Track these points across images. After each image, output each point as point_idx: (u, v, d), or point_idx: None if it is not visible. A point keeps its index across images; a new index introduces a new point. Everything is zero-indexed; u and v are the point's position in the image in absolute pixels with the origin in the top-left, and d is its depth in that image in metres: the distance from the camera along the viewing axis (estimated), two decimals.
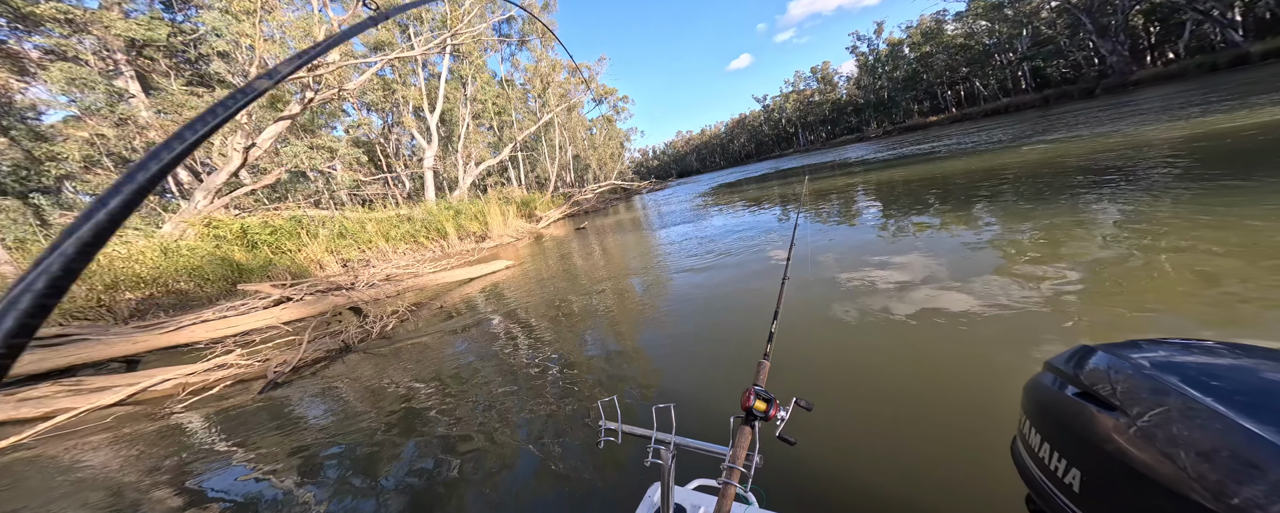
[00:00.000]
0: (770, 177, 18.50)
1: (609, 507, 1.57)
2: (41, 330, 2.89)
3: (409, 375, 2.99)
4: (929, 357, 2.14)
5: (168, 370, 3.29)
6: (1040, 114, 21.91)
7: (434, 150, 13.88)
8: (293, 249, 7.48)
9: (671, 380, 2.45)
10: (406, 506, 1.80)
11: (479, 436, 2.17)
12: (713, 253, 5.60)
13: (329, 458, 2.19)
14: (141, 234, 7.86)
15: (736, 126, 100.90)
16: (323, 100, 10.53)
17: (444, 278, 5.69)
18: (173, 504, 2.00)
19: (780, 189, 12.40)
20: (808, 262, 4.12)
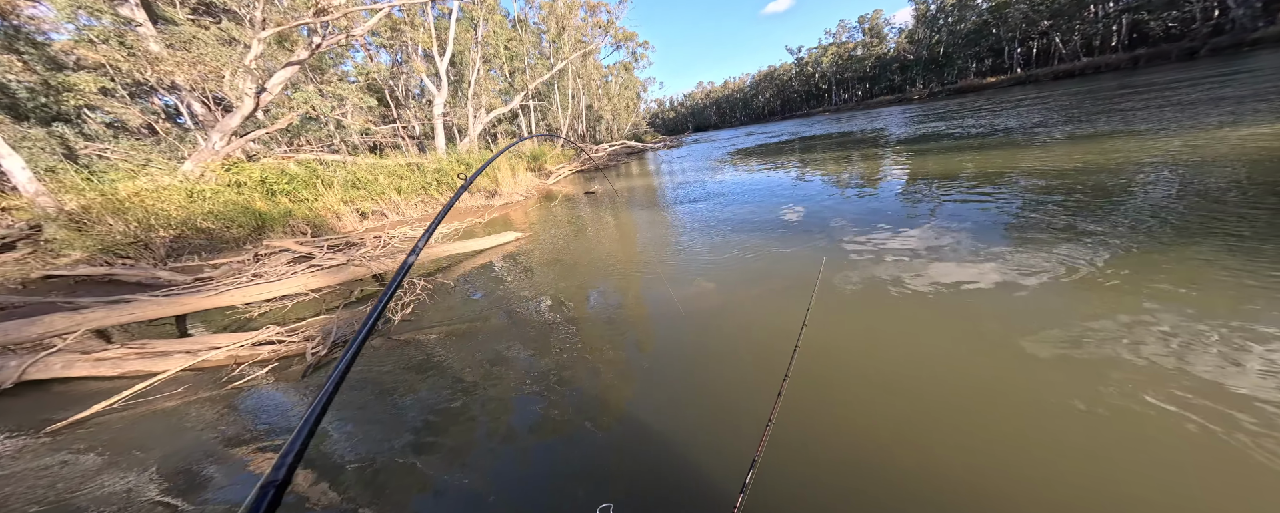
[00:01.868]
0: (790, 148, 15.97)
1: None
2: (91, 270, 3.23)
3: (426, 378, 2.83)
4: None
5: (218, 339, 3.57)
6: (1120, 81, 19.08)
7: (444, 97, 13.53)
8: (309, 198, 7.74)
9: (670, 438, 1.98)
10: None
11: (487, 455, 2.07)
12: (729, 255, 4.46)
13: (359, 457, 2.16)
14: (164, 171, 8.15)
15: (763, 80, 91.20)
16: (331, 44, 10.18)
17: (455, 249, 5.86)
18: (227, 483, 2.07)
19: (802, 168, 10.26)
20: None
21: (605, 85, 37.74)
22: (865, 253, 3.77)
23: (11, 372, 3.33)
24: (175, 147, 12.44)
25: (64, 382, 3.34)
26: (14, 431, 2.71)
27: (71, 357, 3.48)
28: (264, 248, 5.76)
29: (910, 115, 22.52)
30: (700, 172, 12.49)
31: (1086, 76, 27.90)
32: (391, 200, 8.32)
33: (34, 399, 3.14)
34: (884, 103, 50.34)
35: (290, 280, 4.71)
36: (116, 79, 13.68)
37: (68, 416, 2.72)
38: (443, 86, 13.47)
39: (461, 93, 17.00)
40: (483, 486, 1.82)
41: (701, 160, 16.31)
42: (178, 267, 5.40)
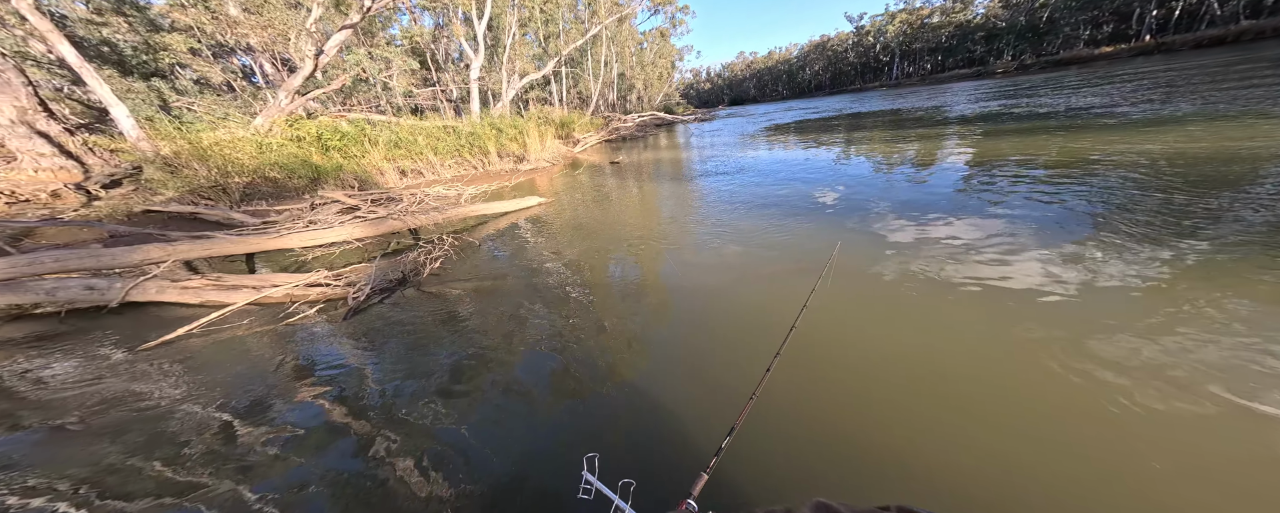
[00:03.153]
0: (834, 125, 13.64)
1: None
2: (180, 208, 3.26)
3: (450, 328, 2.82)
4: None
5: (278, 278, 3.65)
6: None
7: (480, 61, 12.78)
8: (357, 154, 7.70)
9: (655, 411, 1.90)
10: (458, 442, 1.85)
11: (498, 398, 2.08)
12: (752, 234, 4.02)
13: (391, 389, 2.20)
14: (239, 124, 8.26)
15: (813, 51, 75.22)
16: (381, 7, 9.56)
17: (482, 210, 5.71)
18: (280, 410, 2.11)
19: (845, 147, 8.78)
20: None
21: (639, 53, 33.91)
22: (892, 240, 3.37)
23: (117, 292, 3.58)
24: (248, 103, 12.58)
25: (156, 305, 3.56)
26: (116, 345, 2.91)
27: (163, 283, 3.69)
28: (319, 198, 5.83)
29: (987, 91, 18.80)
30: (730, 147, 11.23)
31: (1242, 44, 20.74)
32: (428, 160, 8.19)
33: (132, 318, 3.37)
34: (958, 77, 39.82)
35: (339, 229, 4.77)
36: (202, 40, 13.65)
37: (157, 336, 2.88)
38: (479, 50, 12.66)
39: (497, 57, 16.00)
40: (488, 430, 1.83)
41: (733, 135, 14.61)
42: (248, 210, 5.58)
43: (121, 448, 1.91)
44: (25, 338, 3.10)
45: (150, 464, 1.80)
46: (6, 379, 2.56)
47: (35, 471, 1.80)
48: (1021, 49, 41.56)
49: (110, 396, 2.33)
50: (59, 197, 5.78)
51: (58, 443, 1.98)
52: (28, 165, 6.01)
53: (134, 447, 1.91)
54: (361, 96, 14.55)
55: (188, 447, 1.89)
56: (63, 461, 1.86)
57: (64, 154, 6.30)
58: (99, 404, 2.25)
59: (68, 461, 1.86)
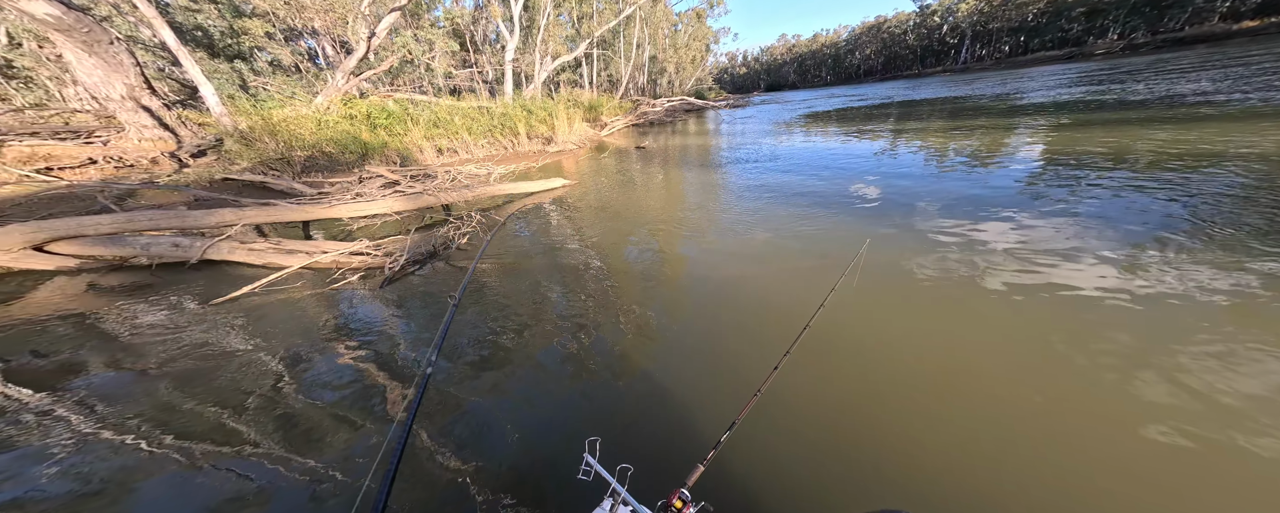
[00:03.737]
0: (882, 113, 11.84)
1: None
2: (252, 177, 3.41)
3: (473, 303, 2.80)
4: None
5: (328, 245, 3.77)
6: None
7: (515, 42, 12.45)
8: (401, 133, 7.84)
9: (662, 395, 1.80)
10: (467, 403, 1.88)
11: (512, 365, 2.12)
12: (774, 226, 3.71)
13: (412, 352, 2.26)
14: (303, 103, 8.60)
15: (866, 34, 64.44)
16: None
17: (509, 189, 5.66)
18: (322, 366, 2.17)
19: (892, 138, 7.56)
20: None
21: (673, 34, 31.19)
22: (933, 239, 3.00)
23: (197, 250, 3.88)
24: (311, 83, 13.08)
25: (228, 264, 3.83)
26: (193, 298, 3.15)
27: (234, 245, 3.95)
28: (365, 172, 6.01)
29: (1072, 76, 15.90)
30: (762, 135, 10.36)
31: None
32: (463, 140, 8.21)
33: (208, 274, 3.64)
34: (1042, 60, 32.44)
35: (381, 202, 4.89)
36: (275, 24, 14.20)
37: (226, 292, 3.09)
38: (515, 31, 12.30)
39: (531, 39, 15.55)
40: (500, 404, 1.83)
41: (766, 123, 13.46)
42: (306, 181, 5.86)
43: (188, 394, 2.05)
44: (123, 286, 3.43)
45: (210, 411, 1.92)
46: (108, 323, 2.85)
47: (126, 408, 1.98)
48: (1133, 25, 32.35)
49: (186, 344, 2.53)
50: (156, 163, 6.34)
51: (143, 383, 2.17)
52: (133, 135, 6.61)
53: (198, 394, 2.05)
54: (406, 78, 14.77)
55: (242, 398, 2.00)
56: (144, 401, 2.03)
57: (162, 126, 6.86)
58: (177, 352, 2.44)
59: (147, 401, 2.03)
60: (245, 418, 1.86)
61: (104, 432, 1.79)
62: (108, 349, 2.51)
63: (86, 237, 3.80)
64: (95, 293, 3.32)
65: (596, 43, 18.98)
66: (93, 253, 3.77)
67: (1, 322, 2.88)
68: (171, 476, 1.58)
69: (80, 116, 7.12)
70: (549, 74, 15.28)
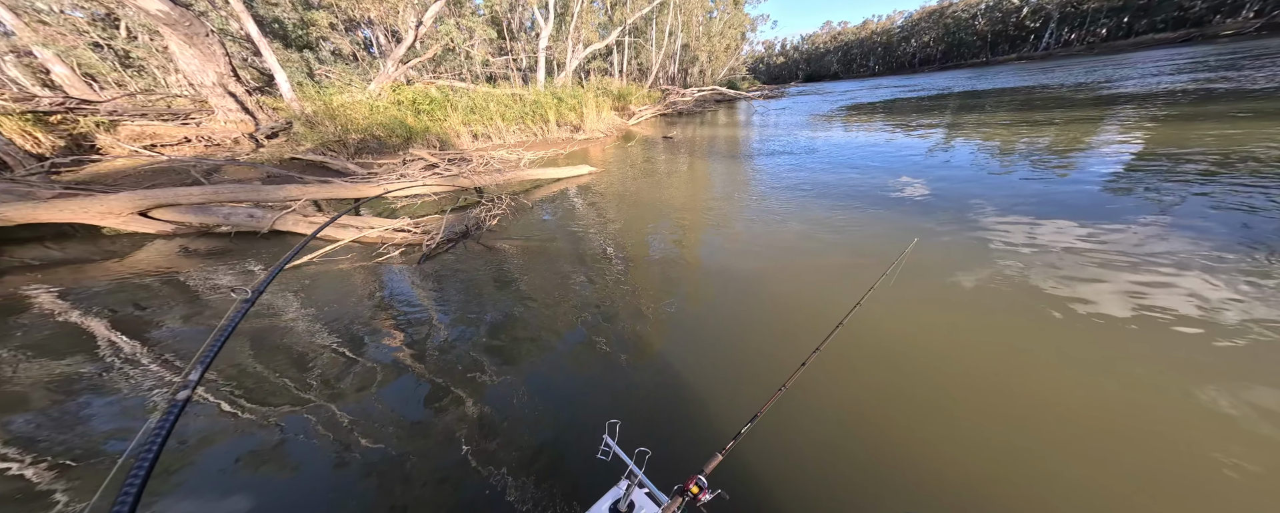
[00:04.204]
0: (937, 106, 10.32)
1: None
2: (314, 157, 3.59)
3: (500, 283, 2.83)
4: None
5: (375, 221, 3.93)
6: None
7: (549, 30, 12.18)
8: (441, 118, 7.98)
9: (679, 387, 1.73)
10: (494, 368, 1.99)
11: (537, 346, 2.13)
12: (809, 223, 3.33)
13: (442, 325, 2.35)
14: (358, 89, 8.95)
15: (926, 19, 56.58)
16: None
17: (537, 174, 5.63)
18: (361, 331, 2.28)
19: (948, 132, 6.49)
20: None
21: (708, 22, 28.79)
22: (990, 242, 2.67)
23: (268, 221, 4.17)
24: (366, 71, 13.59)
25: (291, 235, 4.09)
26: (262, 264, 3.39)
27: (297, 217, 4.21)
28: (409, 155, 6.18)
29: (1183, 62, 13.24)
30: (798, 127, 9.53)
31: None
32: (496, 126, 8.25)
33: (275, 243, 3.91)
34: (1150, 43, 26.98)
35: (422, 183, 5.02)
36: (337, 15, 14.75)
37: (285, 264, 3.34)
38: (549, 19, 12.01)
39: (565, 26, 15.15)
40: (522, 382, 1.83)
41: (802, 115, 12.37)
42: (359, 162, 6.13)
43: (252, 353, 2.20)
44: (208, 251, 3.76)
45: (267, 371, 2.05)
46: (195, 282, 3.13)
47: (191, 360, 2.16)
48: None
49: (256, 307, 2.73)
50: (238, 143, 6.88)
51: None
52: (221, 118, 7.19)
53: (260, 354, 2.20)
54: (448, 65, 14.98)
55: (290, 361, 2.12)
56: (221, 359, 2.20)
57: (243, 110, 7.39)
58: (254, 313, 2.64)
59: (223, 359, 2.20)
60: (291, 378, 1.97)
61: (182, 390, 1.96)
62: (192, 307, 2.75)
63: (181, 205, 4.18)
64: (186, 256, 3.66)
65: (628, 30, 18.19)
66: (185, 220, 4.15)
67: (112, 276, 3.24)
68: (229, 428, 1.69)
69: (179, 101, 7.82)
70: (580, 62, 14.93)
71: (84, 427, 1.72)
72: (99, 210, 3.95)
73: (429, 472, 1.42)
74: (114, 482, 1.43)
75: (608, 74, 20.19)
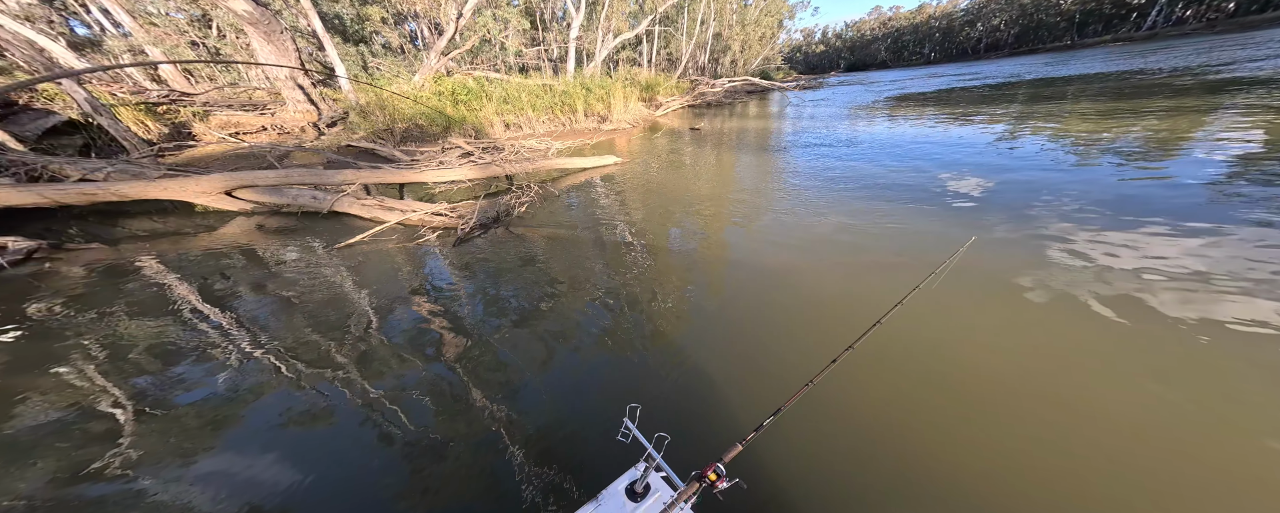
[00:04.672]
0: (1002, 95, 8.93)
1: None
2: (366, 145, 3.76)
3: (527, 268, 2.81)
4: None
5: (416, 205, 4.05)
6: None
7: (579, 20, 11.81)
8: (477, 108, 8.06)
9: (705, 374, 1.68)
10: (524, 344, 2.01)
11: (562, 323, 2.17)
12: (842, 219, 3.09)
13: (473, 302, 2.47)
14: (404, 81, 9.22)
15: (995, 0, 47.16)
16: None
17: (564, 164, 5.56)
18: (400, 305, 2.40)
19: (1014, 123, 5.61)
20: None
21: (742, 10, 26.47)
22: (1057, 245, 2.37)
23: (328, 203, 4.43)
24: (412, 63, 13.95)
25: (346, 216, 4.33)
26: (321, 242, 3.63)
27: (351, 200, 4.44)
28: (448, 143, 6.32)
29: None
30: (836, 119, 8.75)
31: None
32: (527, 116, 8.22)
33: (332, 223, 4.16)
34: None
35: (459, 170, 5.12)
36: (387, 9, 15.15)
37: (344, 239, 3.50)
38: (581, 8, 11.61)
39: (595, 16, 14.63)
40: (543, 366, 1.84)
41: (841, 106, 11.32)
42: (403, 149, 6.36)
43: (307, 321, 2.37)
44: (279, 228, 4.07)
45: (319, 339, 2.19)
46: (267, 256, 3.40)
47: (269, 330, 2.34)
48: None
49: (314, 280, 2.93)
50: (304, 131, 7.36)
51: (282, 309, 2.55)
52: (290, 108, 7.69)
53: (315, 323, 2.35)
54: (484, 56, 15.06)
55: (340, 332, 2.25)
56: (278, 325, 2.39)
57: (309, 101, 7.86)
58: (308, 285, 2.83)
59: (280, 326, 2.38)
60: (340, 349, 2.09)
61: (254, 350, 2.13)
62: (266, 278, 2.99)
63: (258, 186, 4.53)
64: (261, 232, 3.99)
65: (659, 19, 17.28)
66: (262, 199, 4.51)
67: (203, 248, 3.60)
68: (281, 391, 1.82)
69: (258, 93, 8.44)
70: (610, 52, 14.45)
71: (170, 381, 1.92)
72: (195, 189, 4.37)
73: (454, 440, 1.45)
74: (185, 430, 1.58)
75: (636, 64, 19.45)
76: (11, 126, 4.96)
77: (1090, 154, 4.06)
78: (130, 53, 11.23)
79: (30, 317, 2.48)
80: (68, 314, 2.51)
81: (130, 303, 2.63)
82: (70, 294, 2.76)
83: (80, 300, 2.68)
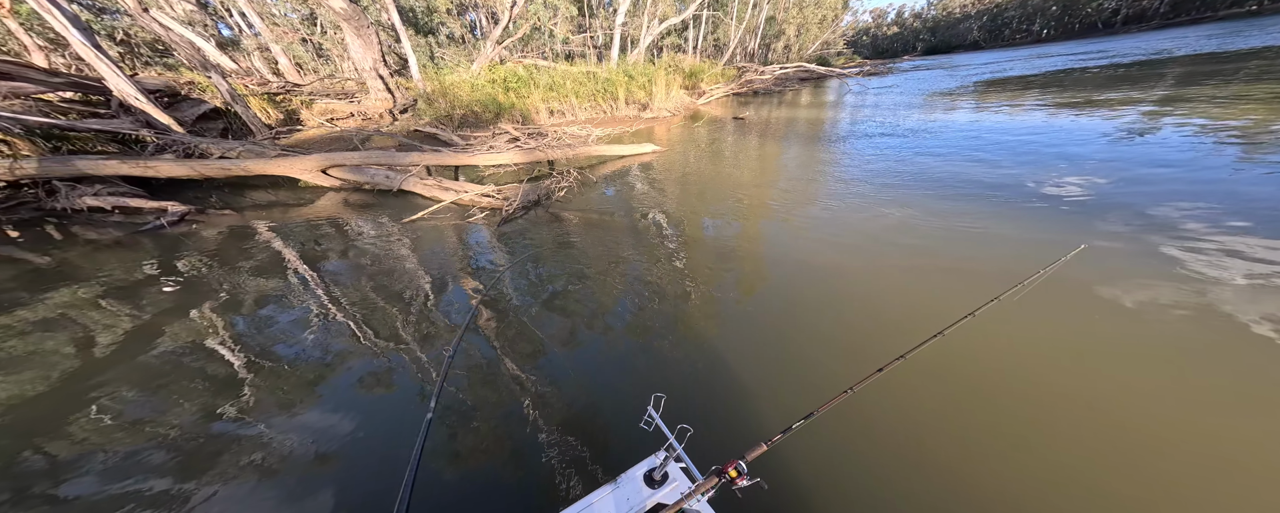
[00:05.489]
0: (1149, 72, 7.04)
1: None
2: (429, 130, 3.85)
3: (563, 252, 2.74)
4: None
5: (468, 186, 4.12)
6: None
7: (626, 5, 11.00)
8: (525, 95, 7.97)
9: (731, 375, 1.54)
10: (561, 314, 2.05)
11: (593, 309, 2.08)
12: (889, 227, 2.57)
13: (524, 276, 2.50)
14: (465, 69, 9.36)
15: None
16: None
17: (603, 151, 5.35)
18: (451, 278, 2.51)
19: (1154, 112, 4.16)
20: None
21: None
22: (1190, 264, 1.82)
23: (397, 182, 4.68)
24: (471, 52, 14.14)
25: (411, 195, 4.56)
26: (390, 217, 3.83)
27: (415, 180, 4.64)
28: (497, 128, 6.34)
29: None
30: (901, 107, 7.32)
31: None
32: (571, 103, 7.98)
33: (400, 201, 4.40)
34: None
35: (506, 154, 5.12)
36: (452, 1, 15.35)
37: (409, 215, 3.68)
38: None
39: (641, 2, 13.53)
40: (571, 349, 1.79)
41: (911, 93, 9.48)
42: (460, 134, 6.52)
43: (377, 289, 2.49)
44: (359, 203, 4.39)
45: (385, 304, 2.30)
46: (350, 228, 3.68)
47: (347, 292, 2.51)
48: None
49: (382, 249, 3.10)
50: (381, 118, 7.85)
51: (357, 274, 2.72)
52: (372, 96, 8.21)
53: (383, 289, 2.48)
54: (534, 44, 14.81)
55: (402, 299, 2.34)
56: (355, 290, 2.54)
57: (387, 90, 8.32)
58: (380, 254, 3.01)
59: (356, 290, 2.54)
60: (398, 314, 2.18)
61: (334, 310, 2.29)
62: (348, 245, 3.24)
63: (345, 166, 4.89)
64: (346, 206, 4.33)
65: (707, 3, 15.55)
66: (348, 178, 4.88)
67: (303, 217, 3.98)
68: (350, 348, 1.93)
69: (349, 83, 9.11)
70: (654, 38, 13.44)
71: (270, 332, 2.12)
72: (299, 167, 4.83)
73: (484, 407, 1.44)
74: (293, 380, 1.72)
75: (681, 51, 17.97)
76: (175, 113, 5.81)
77: (1260, 147, 2.97)
78: (259, 50, 12.63)
79: (178, 269, 2.91)
80: (204, 269, 2.90)
81: (249, 262, 2.98)
82: (207, 252, 3.20)
83: (214, 257, 3.09)
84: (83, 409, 1.58)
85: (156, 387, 1.71)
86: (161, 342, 2.03)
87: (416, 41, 15.00)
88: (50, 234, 3.60)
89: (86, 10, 11.95)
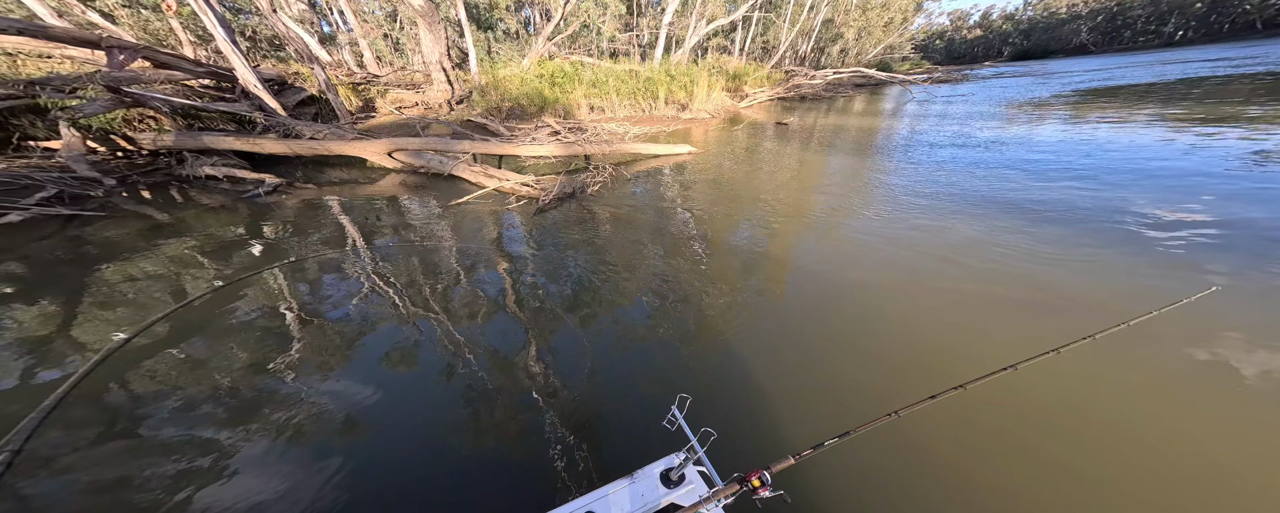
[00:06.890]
0: None
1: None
2: (480, 120, 3.76)
3: (592, 246, 2.63)
4: None
5: (509, 175, 4.12)
6: None
7: (675, 5, 10.31)
8: (569, 90, 7.79)
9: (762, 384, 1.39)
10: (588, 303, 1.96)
11: (620, 302, 1.95)
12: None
13: (550, 263, 2.42)
14: (516, 64, 9.35)
15: None
16: None
17: (639, 149, 5.13)
18: (490, 258, 2.53)
19: None
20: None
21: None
22: None
23: (449, 167, 4.74)
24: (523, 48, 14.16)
25: (459, 179, 4.60)
26: (438, 199, 3.89)
27: (463, 166, 4.67)
28: (541, 122, 6.24)
29: None
30: (974, 117, 6.14)
31: None
32: (611, 100, 7.69)
33: (449, 185, 4.45)
34: None
35: (547, 146, 5.01)
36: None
37: (452, 200, 3.71)
38: None
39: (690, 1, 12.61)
40: (596, 341, 1.71)
41: (988, 103, 7.96)
42: (506, 125, 6.51)
43: (422, 266, 2.49)
44: (416, 185, 4.51)
45: (428, 281, 2.29)
46: (405, 207, 3.77)
47: (396, 266, 2.52)
48: None
49: (430, 229, 3.13)
50: (441, 107, 8.08)
51: (407, 249, 2.74)
52: (435, 87, 8.48)
53: (425, 267, 2.47)
54: (581, 41, 14.52)
55: (444, 278, 2.33)
56: (404, 264, 2.56)
57: (448, 82, 8.54)
58: (428, 232, 3.04)
59: (405, 264, 2.55)
60: (436, 292, 2.15)
61: (381, 283, 2.31)
62: (402, 222, 3.30)
63: (407, 150, 5.04)
64: (404, 187, 4.46)
65: (759, 4, 14.10)
66: (408, 161, 5.03)
67: (368, 195, 4.16)
68: (390, 321, 1.91)
69: (417, 75, 9.47)
70: (701, 39, 12.57)
71: (325, 299, 2.15)
72: (370, 150, 5.05)
73: (507, 391, 1.39)
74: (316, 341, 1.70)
75: (727, 52, 16.71)
76: (281, 99, 6.33)
77: None
78: (350, 45, 13.55)
79: (263, 234, 3.11)
80: (285, 235, 3.08)
81: (321, 232, 3.12)
82: (289, 221, 3.41)
83: (294, 226, 3.28)
84: (162, 348, 1.71)
85: (222, 331, 1.79)
86: (242, 296, 2.12)
87: (476, 36, 15.28)
88: (174, 197, 4.05)
89: (228, 10, 13.48)
